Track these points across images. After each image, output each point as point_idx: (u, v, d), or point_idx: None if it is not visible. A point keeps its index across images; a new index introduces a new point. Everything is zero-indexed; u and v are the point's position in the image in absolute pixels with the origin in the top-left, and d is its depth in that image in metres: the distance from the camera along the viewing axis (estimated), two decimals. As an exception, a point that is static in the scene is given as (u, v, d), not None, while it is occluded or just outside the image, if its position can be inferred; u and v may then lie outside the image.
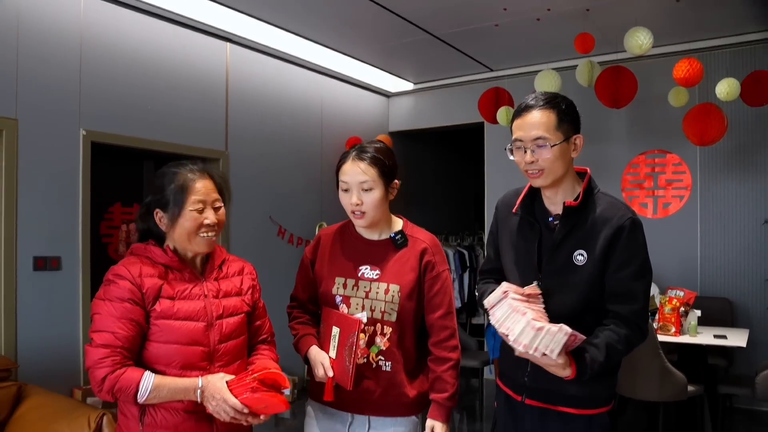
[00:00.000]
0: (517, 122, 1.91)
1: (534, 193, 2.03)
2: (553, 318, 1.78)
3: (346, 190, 2.07)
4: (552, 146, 1.85)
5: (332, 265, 2.16)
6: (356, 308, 2.09)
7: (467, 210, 9.18)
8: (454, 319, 2.12)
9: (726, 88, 4.56)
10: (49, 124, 4.10)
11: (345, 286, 2.12)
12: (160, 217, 1.91)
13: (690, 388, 4.05)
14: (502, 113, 5.37)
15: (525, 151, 1.88)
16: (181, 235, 1.90)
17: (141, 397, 1.77)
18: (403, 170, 7.54)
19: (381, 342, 2.08)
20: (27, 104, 3.98)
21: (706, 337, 4.29)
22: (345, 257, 2.15)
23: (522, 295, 1.80)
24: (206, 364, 1.87)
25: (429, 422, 2.06)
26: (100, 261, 4.52)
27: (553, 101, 1.88)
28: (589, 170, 1.99)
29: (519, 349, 1.72)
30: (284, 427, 4.85)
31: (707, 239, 5.52)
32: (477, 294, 2.18)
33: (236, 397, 1.78)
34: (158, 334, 1.84)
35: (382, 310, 2.07)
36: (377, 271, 2.10)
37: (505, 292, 1.80)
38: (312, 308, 2.26)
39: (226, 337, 1.93)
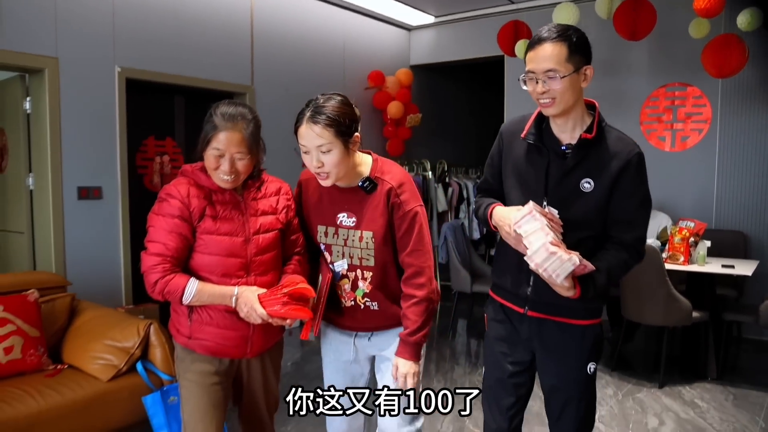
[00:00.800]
0: (529, 54, 1.96)
1: (542, 121, 2.09)
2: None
3: (306, 153, 2.03)
4: (562, 77, 1.90)
5: (314, 213, 2.22)
6: (338, 255, 2.17)
7: (488, 143, 9.27)
8: (424, 256, 2.11)
9: (748, 18, 4.47)
10: (86, 62, 4.31)
11: (326, 234, 2.18)
12: None
13: (695, 314, 4.26)
14: (521, 46, 5.39)
15: (537, 82, 1.94)
16: (207, 168, 2.12)
17: (185, 300, 2.05)
18: (424, 104, 7.67)
19: (364, 286, 2.16)
20: (66, 44, 4.19)
21: (714, 266, 4.44)
22: (324, 205, 2.18)
23: (545, 216, 1.88)
24: (243, 273, 2.13)
25: (394, 359, 2.13)
26: (137, 191, 4.79)
27: (564, 34, 1.91)
28: (597, 103, 2.06)
29: (531, 265, 1.85)
30: (309, 346, 5.20)
31: (724, 172, 5.57)
32: (474, 207, 2.33)
33: (265, 308, 2.03)
34: (203, 246, 2.11)
35: (360, 256, 2.13)
36: (354, 219, 2.12)
37: (531, 211, 1.88)
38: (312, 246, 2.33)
39: (262, 250, 2.17)
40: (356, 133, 2.05)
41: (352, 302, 2.19)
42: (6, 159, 4.58)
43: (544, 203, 2.02)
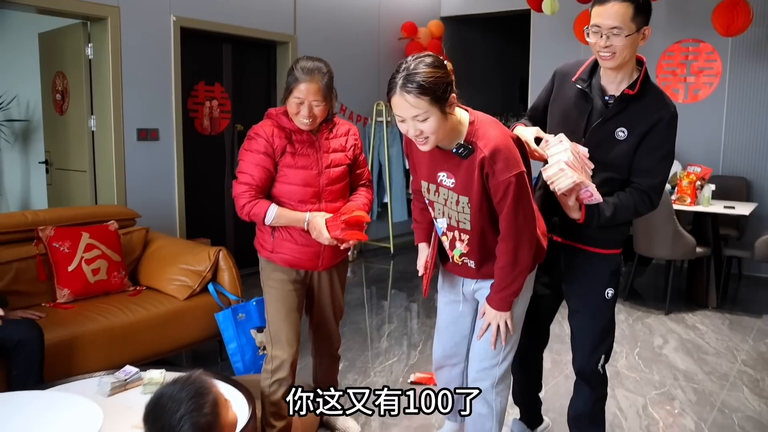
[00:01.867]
0: (597, 9, 2.08)
1: (593, 69, 2.24)
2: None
3: (401, 121, 1.96)
4: (626, 36, 2.04)
5: (419, 167, 2.21)
6: (439, 213, 2.20)
7: (513, 93, 9.59)
8: (517, 224, 2.03)
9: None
10: (145, 11, 4.64)
11: (429, 190, 2.19)
12: None
13: (699, 249, 4.70)
14: (547, 3, 5.62)
15: (601, 36, 2.07)
16: (289, 113, 2.51)
17: (267, 221, 2.49)
18: (454, 55, 7.87)
19: (461, 247, 2.19)
20: (127, -8, 4.51)
21: (716, 207, 4.87)
22: (426, 161, 2.15)
23: (576, 149, 2.12)
24: (315, 200, 2.55)
25: (484, 304, 2.22)
26: (189, 133, 5.17)
27: None
28: (645, 60, 2.20)
29: (544, 176, 2.12)
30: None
31: (732, 123, 5.94)
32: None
33: (330, 232, 2.46)
34: (283, 177, 2.53)
35: (457, 219, 2.13)
36: (453, 180, 2.08)
37: (561, 141, 2.13)
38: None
39: (332, 181, 2.58)
40: (452, 94, 1.97)
41: (451, 259, 2.28)
42: (67, 101, 4.95)
43: (581, 143, 2.26)
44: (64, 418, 2.09)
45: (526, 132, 2.27)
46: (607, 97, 2.22)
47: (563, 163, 2.06)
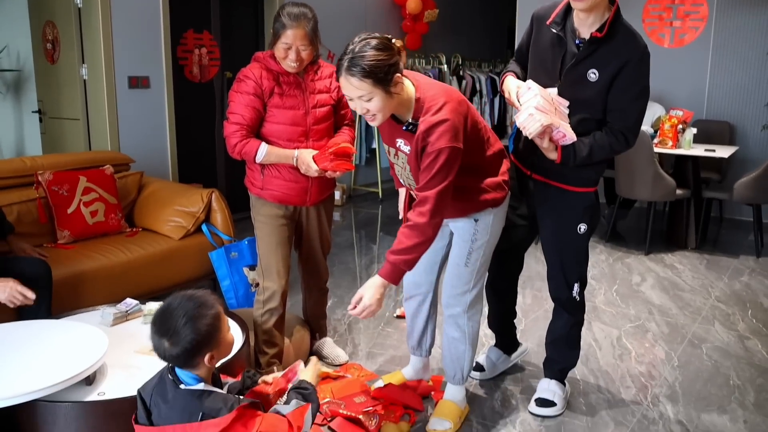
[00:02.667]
0: None
1: (567, 12, 2.29)
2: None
3: (350, 100, 2.11)
4: None
5: (383, 132, 2.35)
6: (398, 174, 2.41)
7: (501, 39, 9.60)
8: (434, 190, 2.11)
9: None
10: (132, -44, 4.63)
11: (389, 152, 2.38)
12: None
13: (679, 191, 4.84)
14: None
15: None
16: (277, 57, 2.60)
17: (258, 159, 2.62)
18: (443, 1, 7.79)
19: None
20: (114, -61, 4.50)
21: (697, 150, 4.99)
22: (386, 128, 2.30)
23: (548, 97, 2.21)
24: (303, 139, 2.67)
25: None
26: (179, 81, 5.21)
27: None
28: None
29: (517, 123, 2.20)
30: (336, 226, 5.81)
31: (717, 68, 6.02)
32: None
33: (318, 164, 2.59)
34: (272, 117, 2.64)
35: (408, 183, 2.38)
36: (409, 147, 2.23)
37: (530, 88, 2.21)
38: None
39: (318, 121, 2.70)
40: (396, 74, 2.06)
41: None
42: (58, 51, 4.98)
43: (557, 85, 2.34)
44: (73, 343, 2.24)
45: (511, 86, 2.36)
46: (578, 41, 2.28)
47: (532, 108, 2.15)
